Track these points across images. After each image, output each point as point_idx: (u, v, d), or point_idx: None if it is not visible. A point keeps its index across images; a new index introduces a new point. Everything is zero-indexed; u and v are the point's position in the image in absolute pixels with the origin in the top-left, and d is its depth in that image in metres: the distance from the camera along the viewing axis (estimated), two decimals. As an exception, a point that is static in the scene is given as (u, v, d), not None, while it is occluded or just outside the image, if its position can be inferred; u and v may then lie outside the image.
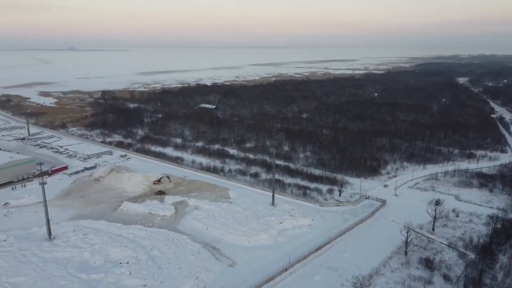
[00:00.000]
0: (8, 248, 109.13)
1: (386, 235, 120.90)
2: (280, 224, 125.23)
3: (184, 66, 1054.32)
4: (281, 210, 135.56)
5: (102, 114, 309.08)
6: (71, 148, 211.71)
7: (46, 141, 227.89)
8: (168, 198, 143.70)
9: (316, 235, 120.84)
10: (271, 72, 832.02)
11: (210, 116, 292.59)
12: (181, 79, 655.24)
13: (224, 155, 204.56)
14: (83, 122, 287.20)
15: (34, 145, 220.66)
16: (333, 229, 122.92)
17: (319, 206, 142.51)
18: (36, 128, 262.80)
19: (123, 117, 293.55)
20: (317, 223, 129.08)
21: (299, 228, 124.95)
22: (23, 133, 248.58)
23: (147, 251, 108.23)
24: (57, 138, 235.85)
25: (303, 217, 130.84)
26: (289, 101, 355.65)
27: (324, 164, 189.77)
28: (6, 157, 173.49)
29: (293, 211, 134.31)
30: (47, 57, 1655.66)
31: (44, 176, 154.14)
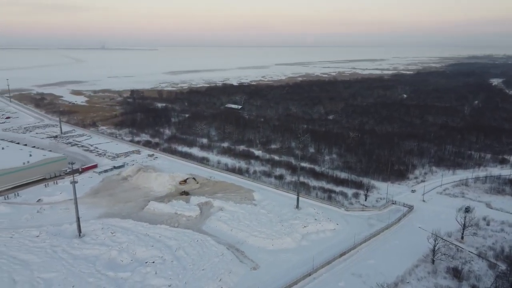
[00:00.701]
0: (41, 244, 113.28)
1: (412, 242, 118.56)
2: (304, 228, 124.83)
3: (211, 65, 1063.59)
4: (305, 213, 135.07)
5: (130, 113, 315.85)
6: (100, 146, 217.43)
7: (77, 139, 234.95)
8: (193, 198, 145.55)
9: (341, 240, 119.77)
10: (298, 72, 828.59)
11: (236, 116, 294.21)
12: (208, 79, 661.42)
13: (249, 156, 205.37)
14: (113, 121, 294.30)
15: (66, 143, 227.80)
16: (358, 234, 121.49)
17: (344, 210, 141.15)
18: (68, 126, 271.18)
19: (151, 116, 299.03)
20: (341, 227, 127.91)
21: (324, 233, 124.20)
22: (56, 131, 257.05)
23: (172, 251, 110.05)
24: (88, 136, 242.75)
25: (328, 221, 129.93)
26: (315, 102, 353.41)
27: (350, 167, 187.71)
28: (40, 155, 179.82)
29: (318, 215, 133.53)
30: (79, 55, 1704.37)
31: (75, 174, 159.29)
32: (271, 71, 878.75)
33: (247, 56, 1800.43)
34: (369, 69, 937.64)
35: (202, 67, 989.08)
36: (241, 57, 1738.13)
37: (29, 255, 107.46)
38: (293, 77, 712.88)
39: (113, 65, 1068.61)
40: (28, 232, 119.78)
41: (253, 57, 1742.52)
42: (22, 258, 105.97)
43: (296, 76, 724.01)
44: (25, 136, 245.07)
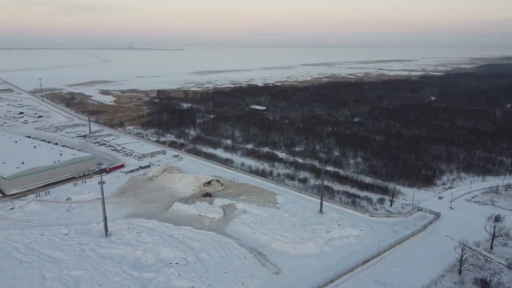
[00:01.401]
0: (69, 242, 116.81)
1: (439, 251, 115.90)
2: (327, 233, 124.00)
3: (237, 65, 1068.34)
4: (329, 218, 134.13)
5: (157, 114, 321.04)
6: (127, 146, 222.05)
7: (105, 139, 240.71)
8: (217, 200, 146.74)
9: (365, 246, 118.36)
10: (323, 73, 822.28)
11: (261, 118, 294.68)
12: (233, 79, 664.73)
13: (273, 159, 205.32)
14: (139, 121, 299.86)
15: (94, 142, 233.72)
16: (382, 241, 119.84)
17: (369, 216, 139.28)
18: (96, 126, 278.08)
19: (176, 117, 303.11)
20: (365, 234, 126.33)
21: (347, 238, 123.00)
22: (85, 130, 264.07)
23: (195, 253, 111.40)
24: (115, 136, 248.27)
25: (352, 227, 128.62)
26: (341, 104, 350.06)
27: (376, 171, 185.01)
28: (70, 154, 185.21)
29: (342, 220, 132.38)
30: (108, 55, 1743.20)
31: (102, 174, 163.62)
32: (296, 71, 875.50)
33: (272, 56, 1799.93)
34: (396, 70, 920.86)
35: (227, 67, 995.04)
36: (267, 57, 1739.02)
37: (59, 252, 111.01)
38: (319, 77, 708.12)
39: (140, 65, 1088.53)
40: (57, 230, 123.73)
41: (278, 57, 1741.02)
42: (52, 255, 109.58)
43: (322, 77, 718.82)
44: (56, 135, 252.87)
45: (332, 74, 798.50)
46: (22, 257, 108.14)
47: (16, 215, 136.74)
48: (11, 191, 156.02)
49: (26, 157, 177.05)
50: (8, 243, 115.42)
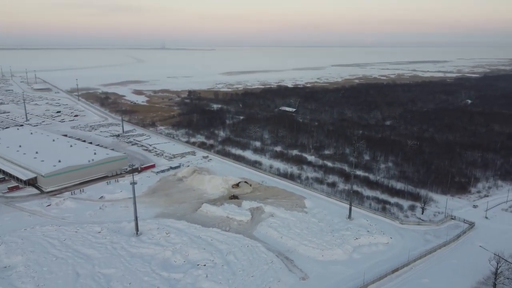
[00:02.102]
0: (102, 240, 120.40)
1: (472, 262, 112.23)
2: (356, 239, 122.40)
3: (267, 66, 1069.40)
4: (357, 224, 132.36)
5: (187, 114, 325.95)
6: (159, 147, 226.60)
7: (137, 138, 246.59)
8: (245, 203, 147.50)
9: (394, 255, 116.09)
10: (355, 74, 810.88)
11: (290, 120, 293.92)
12: (263, 80, 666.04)
13: (301, 161, 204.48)
14: (171, 121, 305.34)
15: (127, 142, 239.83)
16: (412, 250, 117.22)
17: (399, 223, 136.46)
18: (129, 125, 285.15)
19: (206, 117, 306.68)
20: (395, 242, 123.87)
21: (376, 246, 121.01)
22: (118, 130, 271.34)
23: (223, 255, 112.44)
24: (147, 136, 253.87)
25: (381, 234, 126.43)
26: (372, 107, 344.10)
27: (407, 177, 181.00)
28: (103, 153, 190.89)
29: (371, 227, 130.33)
30: (141, 55, 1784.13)
31: (134, 173, 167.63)
32: (327, 72, 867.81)
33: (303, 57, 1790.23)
34: (430, 71, 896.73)
35: (258, 67, 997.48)
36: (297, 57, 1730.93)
37: (91, 250, 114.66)
38: (350, 79, 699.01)
39: (172, 65, 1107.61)
40: (91, 228, 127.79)
41: (309, 57, 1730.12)
42: (85, 253, 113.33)
43: (353, 78, 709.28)
44: (91, 134, 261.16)
45: (363, 75, 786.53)
46: (57, 253, 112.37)
47: (53, 212, 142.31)
48: (48, 188, 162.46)
49: (63, 155, 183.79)
50: (45, 239, 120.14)
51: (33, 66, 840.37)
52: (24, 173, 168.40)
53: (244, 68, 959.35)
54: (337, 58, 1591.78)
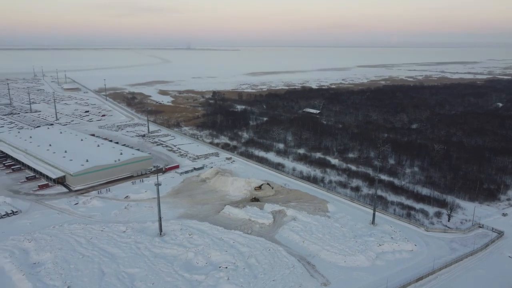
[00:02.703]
0: (126, 240, 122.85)
1: (500, 273, 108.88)
2: (379, 246, 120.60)
3: (291, 66, 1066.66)
4: (381, 230, 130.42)
5: (211, 115, 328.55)
6: (183, 147, 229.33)
7: (162, 139, 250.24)
8: (267, 206, 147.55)
9: (418, 263, 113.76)
10: (381, 75, 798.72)
11: (314, 122, 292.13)
12: (287, 81, 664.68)
13: (325, 165, 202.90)
14: (195, 122, 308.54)
15: (152, 142, 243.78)
16: (438, 258, 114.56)
17: (424, 230, 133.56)
18: (154, 126, 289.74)
19: (230, 119, 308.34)
20: (420, 249, 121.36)
21: (400, 253, 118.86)
22: (144, 130, 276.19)
23: (244, 258, 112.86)
24: (172, 137, 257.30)
25: (405, 241, 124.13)
26: (398, 109, 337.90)
27: (433, 183, 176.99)
28: (129, 153, 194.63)
29: (395, 234, 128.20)
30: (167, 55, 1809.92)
31: (159, 173, 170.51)
32: (352, 73, 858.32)
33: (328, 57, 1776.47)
34: (460, 72, 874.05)
35: (282, 68, 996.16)
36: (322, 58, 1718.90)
37: (116, 249, 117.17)
38: (376, 80, 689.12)
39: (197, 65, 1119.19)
40: (116, 227, 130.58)
41: (334, 58, 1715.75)
42: (110, 252, 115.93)
43: (379, 80, 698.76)
44: (117, 134, 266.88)
45: (390, 76, 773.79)
46: (84, 251, 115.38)
47: (80, 210, 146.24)
48: (76, 187, 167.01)
49: (90, 155, 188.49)
50: (73, 237, 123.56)
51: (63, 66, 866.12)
52: (53, 172, 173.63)
53: (269, 69, 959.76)
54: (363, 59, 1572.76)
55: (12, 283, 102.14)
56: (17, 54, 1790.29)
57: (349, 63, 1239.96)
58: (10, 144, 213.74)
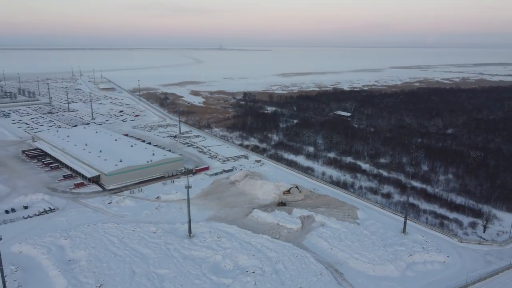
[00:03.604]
0: (157, 240, 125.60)
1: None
2: (410, 256, 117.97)
3: (323, 67, 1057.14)
4: (412, 240, 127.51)
5: (242, 117, 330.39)
6: (213, 149, 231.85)
7: (193, 140, 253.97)
8: (296, 211, 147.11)
9: (451, 275, 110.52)
10: (415, 77, 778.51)
11: (345, 125, 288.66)
12: (318, 82, 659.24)
13: (355, 170, 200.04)
14: (225, 123, 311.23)
15: (183, 143, 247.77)
16: (471, 271, 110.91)
17: (458, 241, 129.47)
18: (185, 126, 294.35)
19: (260, 120, 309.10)
20: (453, 261, 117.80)
21: (431, 264, 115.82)
22: (175, 130, 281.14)
23: (272, 263, 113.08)
24: (202, 138, 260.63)
25: (437, 251, 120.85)
26: (433, 113, 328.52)
27: (468, 191, 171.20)
28: (161, 154, 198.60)
29: (426, 244, 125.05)
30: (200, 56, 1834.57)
31: (189, 174, 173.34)
32: (385, 74, 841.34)
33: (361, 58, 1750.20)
34: (500, 75, 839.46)
35: (313, 69, 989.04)
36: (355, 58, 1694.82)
37: (147, 249, 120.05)
38: (410, 82, 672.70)
39: (228, 65, 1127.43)
40: (147, 228, 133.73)
41: (367, 58, 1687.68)
42: (141, 252, 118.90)
43: (413, 82, 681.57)
44: (150, 134, 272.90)
45: (425, 78, 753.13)
46: (116, 251, 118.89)
47: (113, 209, 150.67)
48: (110, 186, 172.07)
49: (124, 155, 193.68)
50: (105, 236, 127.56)
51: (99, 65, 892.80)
52: (89, 171, 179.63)
53: (300, 69, 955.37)
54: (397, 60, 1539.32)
55: (49, 278, 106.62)
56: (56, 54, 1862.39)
57: (382, 64, 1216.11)
58: (49, 143, 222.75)
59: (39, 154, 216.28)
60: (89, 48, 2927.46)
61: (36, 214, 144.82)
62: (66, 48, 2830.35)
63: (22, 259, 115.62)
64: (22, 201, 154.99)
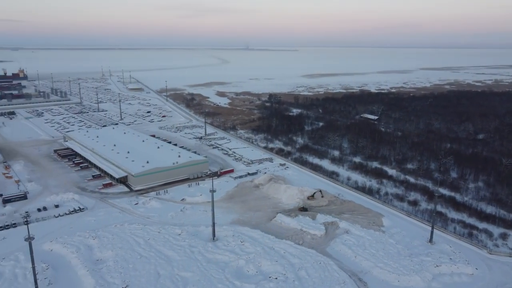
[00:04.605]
0: (181, 243, 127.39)
1: None
2: (436, 267, 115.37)
3: (350, 68, 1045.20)
4: (439, 250, 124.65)
5: (267, 119, 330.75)
6: (238, 151, 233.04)
7: (218, 142, 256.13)
8: (319, 216, 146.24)
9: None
10: (445, 79, 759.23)
11: (371, 129, 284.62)
12: (345, 83, 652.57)
13: (381, 175, 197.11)
14: (250, 125, 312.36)
15: (208, 145, 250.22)
16: (501, 285, 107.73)
17: (487, 253, 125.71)
18: (211, 128, 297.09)
19: (285, 123, 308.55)
20: (481, 274, 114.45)
21: (459, 276, 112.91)
22: (201, 132, 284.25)
23: (295, 269, 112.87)
24: (227, 140, 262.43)
25: (465, 263, 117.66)
26: (463, 118, 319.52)
27: (500, 200, 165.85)
28: (187, 156, 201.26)
29: (454, 254, 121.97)
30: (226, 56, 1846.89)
31: (214, 177, 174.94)
32: (414, 76, 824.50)
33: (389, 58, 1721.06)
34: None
35: (340, 69, 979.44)
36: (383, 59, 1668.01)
37: (171, 252, 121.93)
38: (440, 84, 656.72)
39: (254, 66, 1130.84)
40: (172, 230, 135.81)
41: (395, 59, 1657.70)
42: (166, 254, 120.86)
43: (443, 84, 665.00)
44: (176, 135, 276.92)
45: (455, 80, 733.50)
46: (142, 252, 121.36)
47: (140, 210, 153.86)
48: (137, 187, 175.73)
49: (151, 156, 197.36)
50: (132, 237, 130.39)
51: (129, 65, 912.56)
52: (117, 172, 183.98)
53: (326, 70, 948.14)
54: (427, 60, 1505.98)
55: (78, 278, 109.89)
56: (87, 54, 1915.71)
57: (411, 65, 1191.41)
58: (79, 143, 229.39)
59: (70, 154, 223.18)
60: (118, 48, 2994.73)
61: (66, 213, 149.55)
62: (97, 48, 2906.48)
63: (53, 257, 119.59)
64: (53, 200, 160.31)
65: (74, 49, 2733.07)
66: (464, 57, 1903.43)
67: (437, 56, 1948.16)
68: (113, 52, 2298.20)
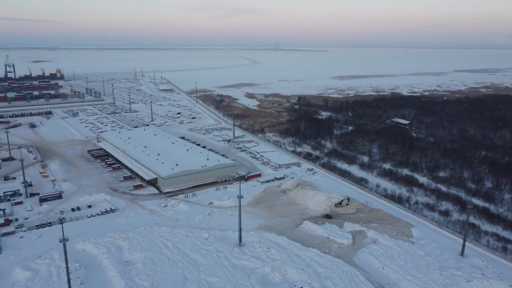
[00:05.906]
0: (208, 247, 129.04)
1: None
2: (467, 282, 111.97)
3: (381, 69, 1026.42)
4: (471, 264, 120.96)
5: (295, 121, 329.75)
6: (265, 155, 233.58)
7: (246, 145, 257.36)
8: (347, 225, 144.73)
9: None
10: (482, 82, 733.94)
11: (402, 134, 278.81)
12: (376, 86, 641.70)
13: (412, 183, 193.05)
14: (279, 128, 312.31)
15: (236, 148, 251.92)
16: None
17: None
18: (239, 130, 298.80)
19: (314, 126, 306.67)
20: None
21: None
22: (229, 134, 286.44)
23: (320, 279, 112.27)
24: (255, 143, 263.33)
25: (499, 279, 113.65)
26: (500, 124, 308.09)
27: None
28: (215, 159, 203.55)
29: (487, 269, 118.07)
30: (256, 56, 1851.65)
31: (241, 181, 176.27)
32: (448, 78, 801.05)
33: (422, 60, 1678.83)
34: None
35: (371, 71, 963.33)
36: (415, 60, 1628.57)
37: (198, 256, 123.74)
38: (475, 87, 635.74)
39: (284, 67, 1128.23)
40: (199, 234, 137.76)
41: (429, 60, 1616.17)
42: (193, 258, 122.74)
43: (479, 87, 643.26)
44: (205, 137, 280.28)
45: (492, 83, 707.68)
46: (170, 255, 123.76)
47: (168, 213, 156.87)
48: (166, 189, 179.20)
49: (180, 159, 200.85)
50: (160, 240, 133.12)
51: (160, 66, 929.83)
52: (147, 173, 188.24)
53: (357, 72, 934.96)
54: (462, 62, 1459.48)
55: (108, 279, 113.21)
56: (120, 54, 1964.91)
57: (445, 67, 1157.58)
58: (111, 144, 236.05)
59: (103, 154, 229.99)
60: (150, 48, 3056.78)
61: (98, 214, 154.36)
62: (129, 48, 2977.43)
63: (85, 257, 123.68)
64: (86, 200, 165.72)
65: (108, 49, 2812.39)
66: (502, 58, 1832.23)
67: (473, 58, 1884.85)
68: (146, 52, 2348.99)
